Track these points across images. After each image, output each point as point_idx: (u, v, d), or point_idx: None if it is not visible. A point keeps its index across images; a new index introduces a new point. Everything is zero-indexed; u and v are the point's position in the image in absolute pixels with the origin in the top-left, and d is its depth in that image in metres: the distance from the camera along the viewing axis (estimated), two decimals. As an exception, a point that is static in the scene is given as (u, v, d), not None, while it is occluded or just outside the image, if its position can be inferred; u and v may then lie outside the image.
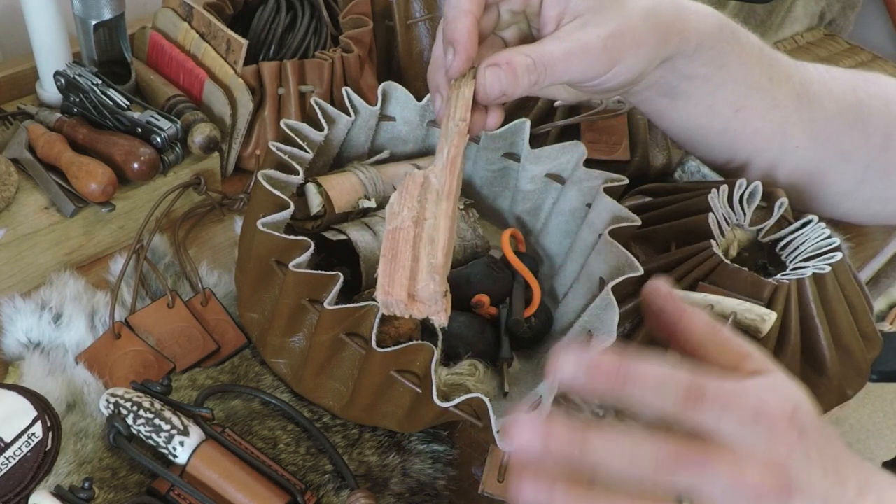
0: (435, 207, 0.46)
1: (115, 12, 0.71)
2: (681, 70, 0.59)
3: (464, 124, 0.50)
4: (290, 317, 0.55)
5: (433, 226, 0.45)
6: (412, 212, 0.46)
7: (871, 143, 0.65)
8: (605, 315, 0.53)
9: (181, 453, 0.51)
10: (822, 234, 0.63)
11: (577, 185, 0.65)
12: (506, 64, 0.50)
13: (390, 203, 0.47)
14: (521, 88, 0.51)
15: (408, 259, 0.44)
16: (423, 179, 0.48)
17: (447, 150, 0.49)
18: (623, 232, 0.58)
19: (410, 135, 0.69)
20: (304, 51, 0.79)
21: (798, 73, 0.65)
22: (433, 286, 0.43)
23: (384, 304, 0.43)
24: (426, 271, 0.44)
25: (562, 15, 0.53)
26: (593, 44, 0.51)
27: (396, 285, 0.43)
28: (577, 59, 0.52)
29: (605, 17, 0.52)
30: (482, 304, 0.61)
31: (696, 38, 0.57)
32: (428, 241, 0.45)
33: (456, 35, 0.50)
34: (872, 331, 0.66)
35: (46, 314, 0.61)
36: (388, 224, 0.46)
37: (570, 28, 0.52)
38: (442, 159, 0.48)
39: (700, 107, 0.62)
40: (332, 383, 0.56)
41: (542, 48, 0.51)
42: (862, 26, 1.38)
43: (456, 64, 0.50)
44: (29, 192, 0.66)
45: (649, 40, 0.54)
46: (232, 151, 0.76)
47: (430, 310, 0.43)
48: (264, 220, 0.54)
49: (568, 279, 0.66)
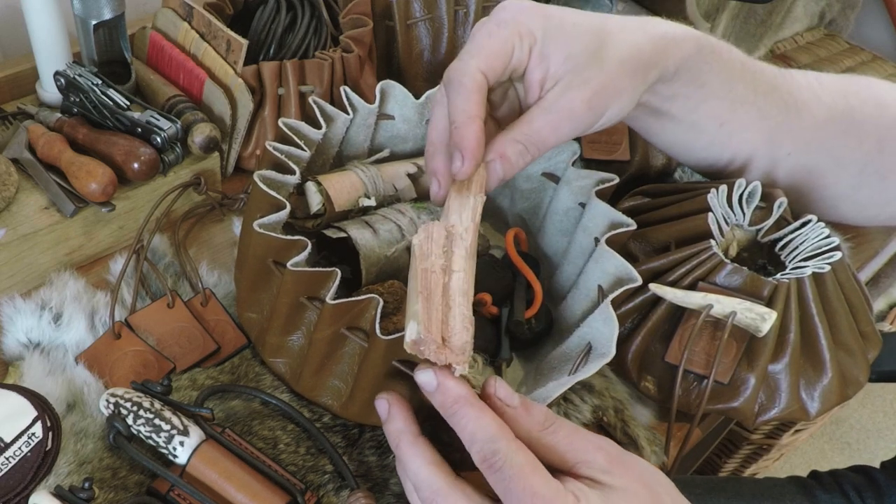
0: (464, 263, 0.48)
1: (115, 12, 0.71)
2: (661, 93, 0.60)
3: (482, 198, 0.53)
4: (288, 315, 0.55)
5: (465, 279, 0.47)
6: (440, 259, 0.48)
7: (865, 148, 0.66)
8: (605, 329, 0.53)
9: (181, 453, 0.51)
10: (822, 234, 0.63)
11: (569, 184, 0.66)
12: (500, 158, 0.53)
13: (418, 244, 0.48)
14: (518, 170, 0.54)
15: (440, 304, 0.45)
16: (446, 232, 0.50)
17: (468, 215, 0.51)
18: (619, 237, 0.58)
19: (410, 133, 0.69)
20: (304, 51, 0.79)
21: (785, 83, 0.65)
22: (466, 337, 0.45)
23: (418, 342, 0.44)
24: (460, 322, 0.45)
25: (544, 80, 0.55)
26: (577, 108, 0.54)
27: (434, 325, 0.44)
28: (564, 126, 0.54)
29: (586, 77, 0.54)
30: (484, 304, 0.61)
31: (674, 64, 0.58)
32: (461, 293, 0.46)
33: (465, 143, 0.51)
34: (872, 331, 0.66)
35: (46, 314, 0.61)
36: (419, 263, 0.47)
37: (553, 95, 0.54)
38: (464, 222, 0.51)
39: (684, 124, 0.64)
40: (331, 381, 0.56)
41: (530, 127, 0.54)
42: (862, 26, 1.38)
43: (465, 170, 0.52)
44: (29, 192, 0.66)
45: (629, 86, 0.56)
46: (232, 151, 0.76)
47: (457, 359, 0.44)
48: (260, 222, 0.54)
49: (565, 281, 0.66)
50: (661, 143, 0.67)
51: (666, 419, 0.63)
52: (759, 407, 0.62)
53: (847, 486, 0.86)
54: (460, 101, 0.52)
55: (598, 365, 0.51)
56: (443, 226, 0.50)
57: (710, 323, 0.60)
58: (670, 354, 0.61)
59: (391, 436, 0.47)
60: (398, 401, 0.48)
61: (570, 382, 0.51)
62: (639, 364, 0.63)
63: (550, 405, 0.51)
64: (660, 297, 0.60)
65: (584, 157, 0.76)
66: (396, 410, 0.47)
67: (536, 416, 0.44)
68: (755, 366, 0.60)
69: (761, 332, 0.58)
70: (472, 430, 0.43)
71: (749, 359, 0.61)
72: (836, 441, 1.83)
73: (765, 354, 0.60)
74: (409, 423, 0.47)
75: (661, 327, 0.62)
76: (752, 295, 0.59)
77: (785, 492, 0.86)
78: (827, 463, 1.72)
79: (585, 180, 0.64)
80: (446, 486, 0.43)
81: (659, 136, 0.66)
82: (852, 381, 0.64)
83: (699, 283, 0.60)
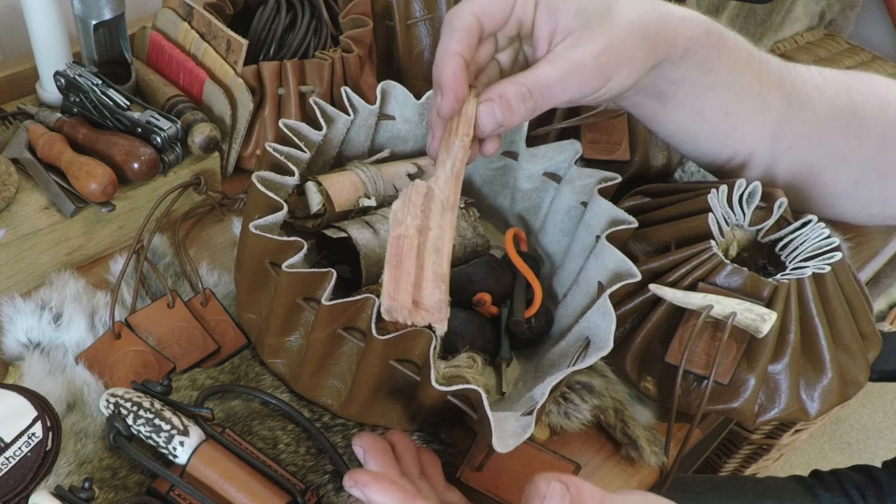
0: (440, 218, 0.47)
1: (115, 12, 0.71)
2: (669, 75, 0.60)
3: (467, 139, 0.51)
4: (285, 316, 0.55)
5: (438, 236, 0.46)
6: (416, 221, 0.47)
7: (866, 145, 0.65)
8: (603, 323, 0.53)
9: (181, 453, 0.51)
10: (822, 234, 0.63)
11: (571, 183, 0.66)
12: (498, 97, 0.51)
13: (393, 210, 0.48)
14: (519, 117, 0.52)
15: (412, 267, 0.45)
16: (426, 190, 0.48)
17: (450, 163, 0.50)
18: (620, 234, 0.58)
19: (410, 133, 0.69)
20: (304, 51, 0.79)
21: (789, 76, 0.65)
22: (439, 294, 0.44)
23: (389, 310, 0.44)
24: (432, 280, 0.44)
25: (553, 33, 0.54)
26: (587, 62, 0.52)
27: (402, 292, 0.44)
28: (572, 80, 0.53)
29: (596, 34, 0.53)
30: (484, 303, 0.61)
31: (682, 44, 0.58)
32: (433, 251, 0.46)
33: (442, 78, 0.51)
34: (872, 331, 0.66)
35: (46, 314, 0.61)
36: (392, 231, 0.47)
37: (562, 48, 0.53)
38: (445, 172, 0.49)
39: (689, 110, 0.63)
40: (330, 381, 0.56)
41: (536, 73, 0.52)
42: (862, 26, 1.38)
43: (444, 105, 0.51)
44: (29, 192, 0.66)
45: (640, 51, 0.55)
46: (232, 151, 0.76)
47: (433, 317, 0.44)
48: (257, 223, 0.54)
49: (567, 280, 0.66)
50: (665, 131, 0.66)
51: (666, 419, 0.63)
52: (759, 407, 0.62)
53: (849, 486, 0.86)
54: (445, 38, 0.52)
55: (596, 357, 0.51)
56: (425, 184, 0.49)
57: (710, 323, 0.60)
58: (670, 355, 0.61)
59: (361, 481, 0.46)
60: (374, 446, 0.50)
61: (566, 373, 0.51)
62: (639, 364, 0.63)
63: (548, 401, 0.51)
64: (660, 298, 0.60)
65: (584, 157, 0.76)
66: (371, 457, 0.49)
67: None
68: (755, 366, 0.60)
69: (761, 332, 0.58)
70: None
71: (749, 359, 0.60)
72: (836, 441, 1.83)
73: (765, 355, 0.60)
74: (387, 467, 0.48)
75: (661, 328, 0.62)
76: (752, 295, 0.59)
77: (786, 491, 0.86)
78: (827, 463, 1.72)
79: (588, 179, 0.64)
80: None
81: (664, 125, 0.65)
82: (852, 382, 0.64)
83: (699, 283, 0.60)
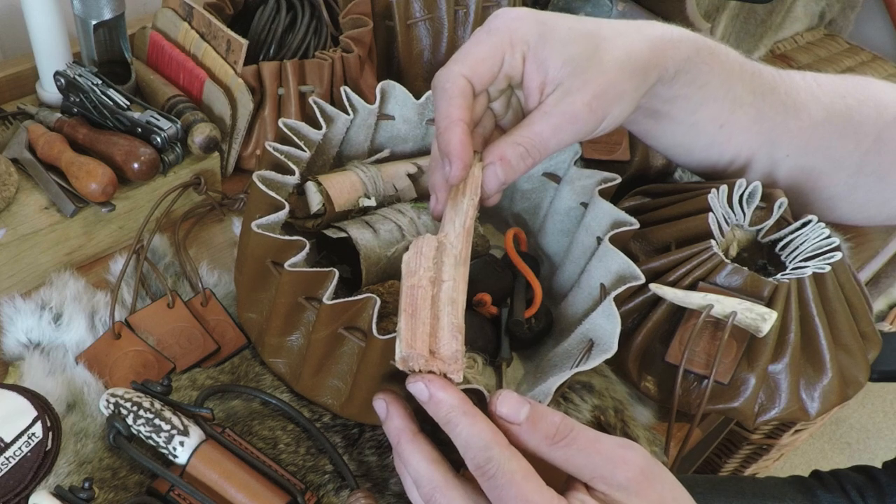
0: (453, 271, 0.48)
1: (115, 12, 0.71)
2: (661, 95, 0.60)
3: (476, 198, 0.53)
4: (286, 316, 0.55)
5: (453, 287, 0.48)
6: (429, 273, 0.48)
7: (863, 148, 0.66)
8: (608, 325, 0.53)
9: (181, 453, 0.51)
10: (822, 234, 0.63)
11: (571, 184, 0.66)
12: (499, 160, 0.53)
13: (405, 261, 0.49)
14: (519, 173, 0.54)
15: (427, 316, 0.46)
16: (437, 244, 0.50)
17: (460, 221, 0.52)
18: (622, 236, 0.58)
19: (410, 133, 0.69)
20: (304, 51, 0.79)
21: (783, 84, 0.65)
22: (455, 345, 0.45)
23: (406, 358, 0.45)
24: (448, 330, 0.46)
25: (543, 84, 0.55)
26: (579, 111, 0.53)
27: (419, 341, 0.45)
28: (566, 130, 0.54)
29: (586, 80, 0.53)
30: (484, 303, 0.61)
31: (673, 66, 0.58)
32: (448, 302, 0.47)
33: (450, 148, 0.52)
34: (872, 331, 0.66)
35: (46, 314, 0.61)
36: (405, 280, 0.48)
37: (553, 99, 0.54)
38: (455, 229, 0.51)
39: (684, 125, 0.64)
40: (330, 381, 0.56)
41: (531, 130, 0.53)
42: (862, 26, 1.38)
43: (454, 174, 0.52)
44: (29, 192, 0.66)
45: (630, 87, 0.55)
46: (232, 151, 0.76)
47: (448, 368, 0.45)
48: (259, 222, 0.54)
49: (567, 280, 0.66)
50: (661, 146, 0.67)
51: (666, 419, 0.63)
52: (759, 407, 0.62)
53: (849, 486, 0.86)
54: (443, 105, 0.53)
55: (600, 360, 0.52)
56: (435, 238, 0.50)
57: (711, 323, 0.60)
58: (670, 354, 0.61)
59: (391, 433, 0.47)
60: (395, 399, 0.48)
61: (570, 374, 0.52)
62: (639, 364, 0.63)
63: (550, 403, 0.51)
64: (660, 298, 0.60)
65: (583, 158, 0.76)
66: (394, 409, 0.48)
67: (545, 430, 0.43)
68: (755, 366, 0.60)
69: (761, 332, 0.58)
70: (466, 439, 0.42)
71: (749, 359, 0.60)
72: (836, 441, 1.83)
73: (765, 354, 0.60)
74: (407, 420, 0.47)
75: (661, 327, 0.62)
76: (752, 295, 0.59)
77: (786, 491, 0.86)
78: (827, 463, 1.72)
79: (588, 180, 0.64)
80: (446, 482, 0.43)
81: (659, 140, 0.66)
82: (852, 381, 0.64)
83: (699, 283, 0.60)
